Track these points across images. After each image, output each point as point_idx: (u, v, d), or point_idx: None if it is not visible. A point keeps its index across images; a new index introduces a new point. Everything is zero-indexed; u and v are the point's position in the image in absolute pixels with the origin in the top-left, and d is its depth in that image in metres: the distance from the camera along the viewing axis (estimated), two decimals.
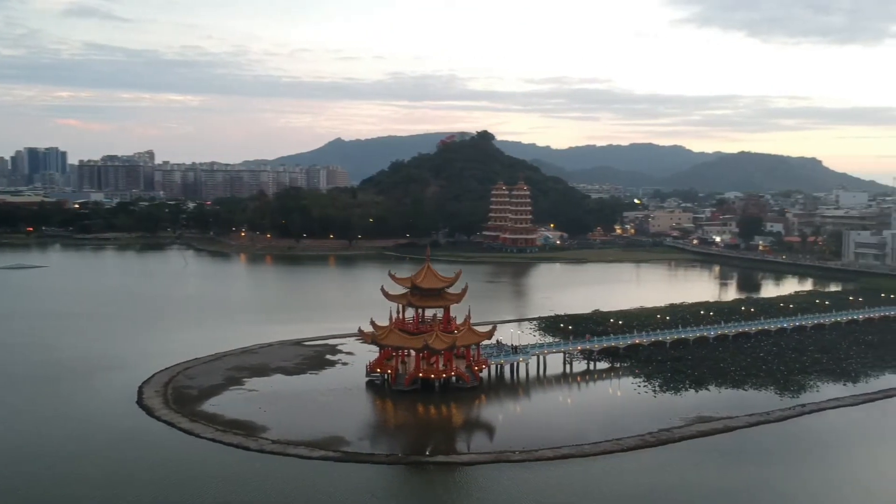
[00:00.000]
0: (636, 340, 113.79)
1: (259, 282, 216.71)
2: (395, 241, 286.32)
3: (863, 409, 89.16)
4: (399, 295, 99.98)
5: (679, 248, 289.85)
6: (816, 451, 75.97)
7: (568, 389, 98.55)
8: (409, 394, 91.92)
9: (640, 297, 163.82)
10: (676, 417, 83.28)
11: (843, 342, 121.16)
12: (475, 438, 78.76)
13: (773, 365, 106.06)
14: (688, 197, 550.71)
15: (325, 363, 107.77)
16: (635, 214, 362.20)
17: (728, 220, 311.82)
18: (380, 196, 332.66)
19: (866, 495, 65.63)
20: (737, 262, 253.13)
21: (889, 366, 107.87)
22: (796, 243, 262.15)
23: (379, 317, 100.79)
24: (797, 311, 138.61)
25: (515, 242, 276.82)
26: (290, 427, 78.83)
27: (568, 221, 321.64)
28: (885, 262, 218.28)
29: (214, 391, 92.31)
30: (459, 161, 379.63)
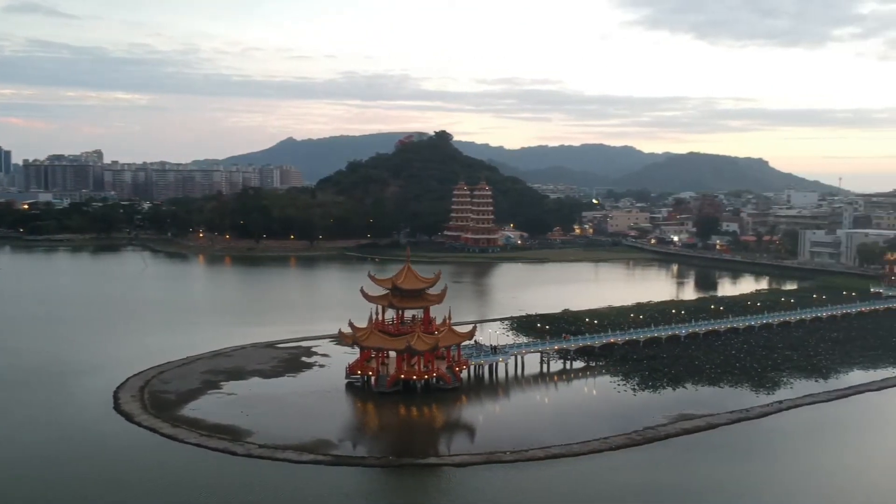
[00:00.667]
0: (611, 339, 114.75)
1: (222, 283, 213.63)
2: (357, 242, 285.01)
3: (836, 406, 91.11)
4: (379, 296, 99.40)
5: (638, 247, 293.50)
6: (798, 446, 77.42)
7: (548, 389, 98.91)
8: (391, 395, 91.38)
9: (607, 297, 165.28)
10: (659, 415, 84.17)
11: (811, 339, 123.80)
12: (463, 439, 78.55)
13: (745, 362, 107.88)
14: (641, 197, 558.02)
15: (301, 365, 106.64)
16: (594, 214, 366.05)
17: (684, 219, 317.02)
18: (340, 196, 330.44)
19: (849, 485, 67.04)
20: (695, 261, 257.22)
21: (856, 362, 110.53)
22: (752, 242, 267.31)
23: (347, 318, 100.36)
24: (763, 308, 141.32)
25: (478, 242, 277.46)
26: (274, 431, 77.76)
27: (527, 221, 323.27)
28: (840, 261, 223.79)
29: (193, 395, 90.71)
30: (418, 161, 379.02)
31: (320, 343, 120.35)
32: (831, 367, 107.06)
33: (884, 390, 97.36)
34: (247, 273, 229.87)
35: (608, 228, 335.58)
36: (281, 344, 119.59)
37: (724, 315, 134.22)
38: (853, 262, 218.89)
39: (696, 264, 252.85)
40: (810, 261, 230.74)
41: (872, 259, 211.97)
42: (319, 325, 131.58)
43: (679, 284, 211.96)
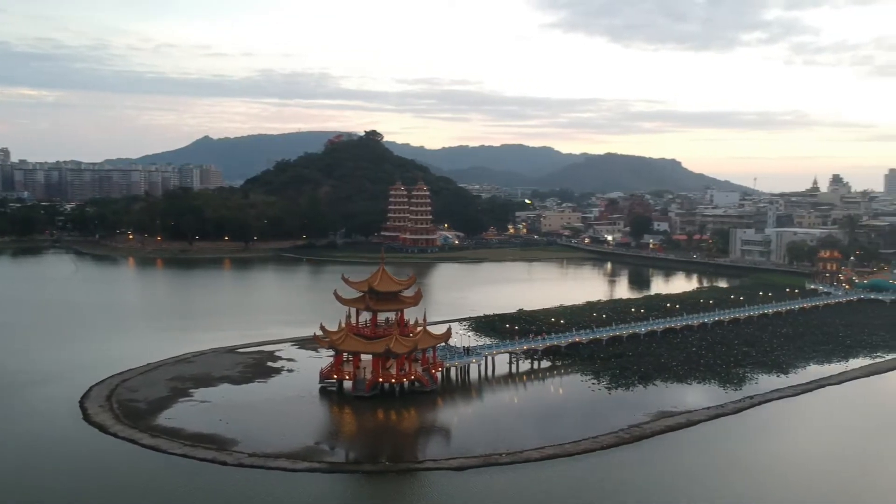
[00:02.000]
0: (576, 339, 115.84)
1: (161, 287, 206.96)
2: (293, 243, 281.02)
3: (803, 399, 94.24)
4: (355, 299, 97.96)
5: (573, 246, 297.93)
6: (776, 438, 79.72)
7: (525, 390, 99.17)
8: (368, 400, 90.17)
9: (557, 296, 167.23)
10: (639, 413, 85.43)
11: (763, 335, 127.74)
12: (453, 442, 77.62)
13: (708, 359, 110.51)
14: (565, 197, 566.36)
15: (269, 371, 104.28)
16: (527, 214, 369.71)
17: (616, 219, 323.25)
18: (271, 196, 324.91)
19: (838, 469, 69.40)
20: (630, 260, 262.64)
21: (810, 357, 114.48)
22: (683, 241, 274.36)
23: (299, 320, 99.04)
24: (714, 306, 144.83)
25: (416, 243, 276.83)
26: (259, 439, 75.76)
27: (462, 222, 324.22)
28: (770, 259, 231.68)
29: (164, 404, 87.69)
30: (349, 161, 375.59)
31: (282, 347, 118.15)
32: (789, 362, 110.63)
33: (843, 384, 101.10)
34: (183, 276, 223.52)
35: (541, 228, 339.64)
36: (242, 349, 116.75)
37: (677, 312, 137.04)
38: (783, 259, 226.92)
39: (631, 263, 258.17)
40: (742, 259, 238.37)
41: (801, 257, 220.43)
42: (274, 329, 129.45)
43: (621, 283, 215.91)
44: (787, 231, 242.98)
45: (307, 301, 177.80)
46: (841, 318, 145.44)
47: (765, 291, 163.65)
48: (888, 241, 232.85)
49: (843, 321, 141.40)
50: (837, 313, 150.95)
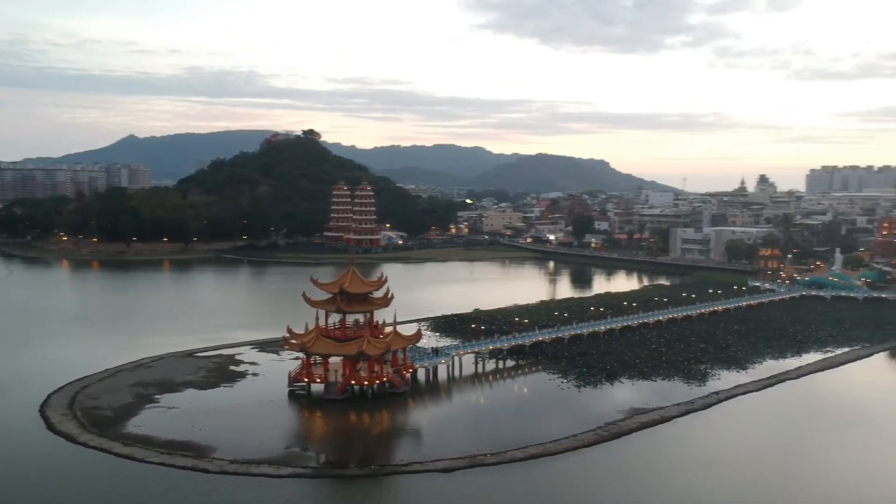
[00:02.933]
0: (540, 338, 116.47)
1: (100, 290, 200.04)
2: (233, 244, 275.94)
3: (765, 394, 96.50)
4: (326, 301, 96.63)
5: (516, 246, 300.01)
6: (750, 431, 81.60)
7: (495, 389, 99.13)
8: (341, 403, 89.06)
9: (510, 295, 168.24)
10: (612, 411, 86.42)
11: (717, 331, 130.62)
12: (436, 444, 76.60)
13: (668, 356, 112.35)
14: (500, 196, 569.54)
15: (233, 375, 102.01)
16: (468, 214, 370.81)
17: (557, 219, 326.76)
18: (210, 196, 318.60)
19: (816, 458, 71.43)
20: (573, 259, 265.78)
21: (765, 352, 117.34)
22: (624, 240, 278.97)
23: (252, 323, 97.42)
24: (668, 304, 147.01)
25: (360, 243, 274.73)
26: (237, 445, 74.06)
27: (403, 222, 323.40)
28: (709, 257, 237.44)
29: (131, 410, 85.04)
30: (287, 160, 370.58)
31: (242, 351, 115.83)
32: (746, 357, 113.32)
33: (801, 378, 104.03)
34: (123, 278, 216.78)
35: (483, 228, 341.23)
36: (201, 353, 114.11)
37: (632, 310, 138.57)
38: (722, 257, 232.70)
39: (575, 262, 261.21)
40: (682, 257, 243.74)
41: (739, 255, 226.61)
42: (229, 332, 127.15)
43: (569, 282, 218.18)
44: (726, 230, 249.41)
45: (257, 303, 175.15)
46: (787, 314, 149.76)
47: (709, 289, 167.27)
48: (821, 238, 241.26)
49: (789, 317, 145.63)
50: (782, 310, 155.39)
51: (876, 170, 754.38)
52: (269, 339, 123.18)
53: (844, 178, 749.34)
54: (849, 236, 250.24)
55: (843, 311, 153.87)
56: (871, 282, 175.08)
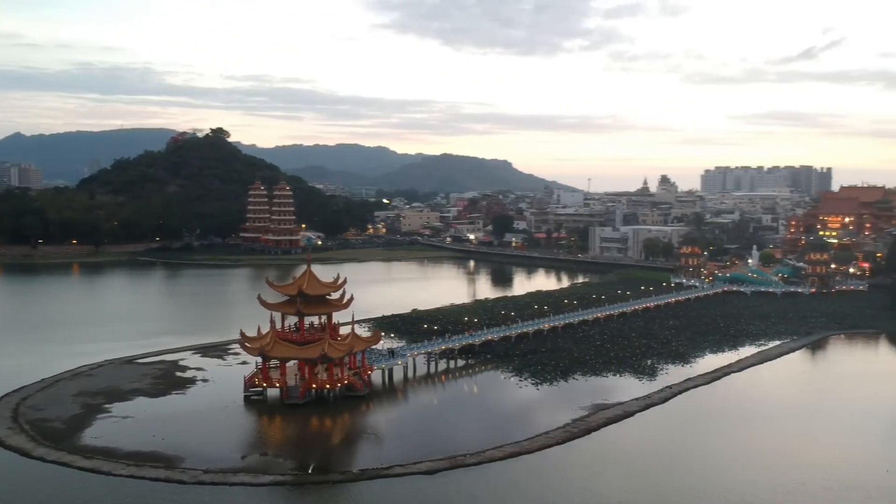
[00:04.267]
0: (489, 337, 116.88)
1: (9, 296, 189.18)
2: (146, 245, 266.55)
3: (714, 387, 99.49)
4: (283, 303, 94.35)
5: (437, 246, 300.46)
6: (710, 422, 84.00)
7: (455, 389, 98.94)
8: (302, 407, 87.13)
9: (445, 295, 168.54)
10: (576, 407, 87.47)
11: (654, 327, 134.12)
12: (410, 446, 75.38)
13: (614, 352, 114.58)
14: (411, 196, 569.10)
15: (182, 382, 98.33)
16: (386, 214, 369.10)
17: (476, 218, 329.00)
18: (118, 197, 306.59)
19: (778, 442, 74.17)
20: (496, 258, 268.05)
21: (704, 347, 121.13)
22: (543, 239, 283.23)
23: (189, 328, 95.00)
24: (606, 301, 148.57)
25: (279, 244, 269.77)
26: (206, 454, 71.54)
27: (319, 222, 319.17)
28: (627, 255, 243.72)
29: (83, 422, 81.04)
30: (196, 160, 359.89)
31: (184, 356, 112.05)
32: (687, 352, 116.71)
33: (743, 371, 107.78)
34: (32, 283, 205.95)
35: (401, 228, 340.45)
36: (140, 359, 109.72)
37: (568, 308, 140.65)
38: (640, 255, 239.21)
39: (497, 261, 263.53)
40: (601, 255, 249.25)
41: (656, 252, 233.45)
42: (164, 338, 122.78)
43: (497, 280, 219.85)
44: (643, 229, 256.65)
45: (183, 307, 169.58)
46: (714, 309, 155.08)
47: (634, 286, 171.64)
48: (731, 236, 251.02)
49: (718, 312, 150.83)
50: (709, 305, 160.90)
51: (765, 170, 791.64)
52: (210, 344, 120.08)
53: (737, 177, 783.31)
54: (755, 234, 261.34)
55: (765, 305, 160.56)
56: (785, 277, 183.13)
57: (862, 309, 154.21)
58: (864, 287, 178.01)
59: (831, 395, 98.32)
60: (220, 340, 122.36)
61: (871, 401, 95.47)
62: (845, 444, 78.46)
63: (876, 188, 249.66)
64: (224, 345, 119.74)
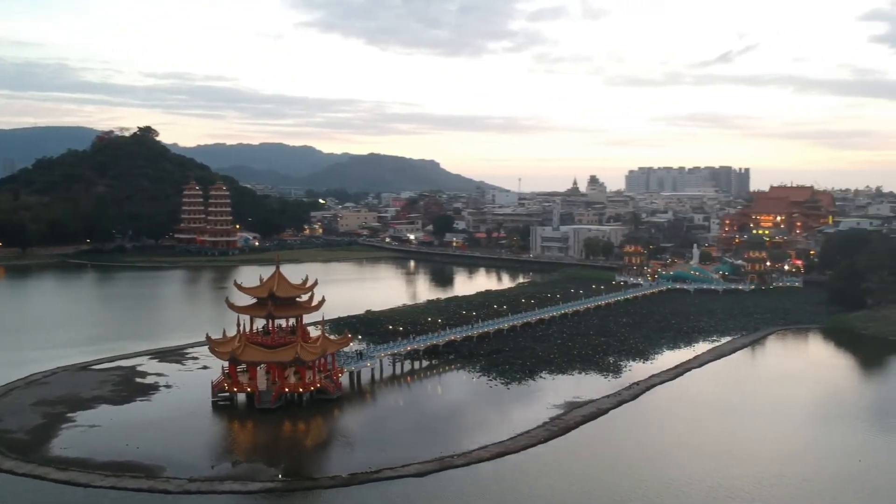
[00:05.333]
0: (452, 337, 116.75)
1: None
2: (76, 247, 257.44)
3: (679, 383, 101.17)
4: (254, 306, 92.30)
5: (377, 246, 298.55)
6: (682, 416, 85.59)
7: (426, 390, 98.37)
8: (275, 412, 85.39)
9: (396, 295, 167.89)
10: (549, 405, 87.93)
11: (609, 325, 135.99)
12: (395, 448, 74.58)
13: (576, 350, 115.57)
14: (342, 196, 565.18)
15: (145, 388, 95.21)
16: (322, 214, 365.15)
17: (415, 218, 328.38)
18: (43, 197, 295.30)
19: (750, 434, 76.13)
20: (438, 259, 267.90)
21: (659, 343, 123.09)
22: (484, 239, 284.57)
23: (138, 332, 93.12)
24: (561, 300, 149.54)
25: (216, 245, 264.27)
26: (186, 462, 69.54)
27: (254, 222, 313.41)
28: (569, 254, 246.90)
29: (48, 432, 77.75)
30: (125, 159, 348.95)
31: (141, 361, 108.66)
32: (645, 348, 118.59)
33: (703, 366, 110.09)
34: None
35: (339, 228, 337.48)
36: (95, 365, 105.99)
37: (524, 307, 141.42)
38: (580, 254, 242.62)
39: (438, 261, 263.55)
40: (542, 254, 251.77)
41: (597, 251, 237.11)
42: (112, 344, 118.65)
43: (442, 281, 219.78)
44: (583, 228, 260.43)
45: (125, 310, 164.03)
46: (661, 307, 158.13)
47: (580, 285, 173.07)
48: (667, 235, 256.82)
49: (666, 310, 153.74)
50: (656, 303, 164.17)
51: (687, 171, 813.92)
52: (165, 349, 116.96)
53: (660, 178, 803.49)
54: (689, 233, 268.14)
55: (709, 302, 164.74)
56: (725, 275, 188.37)
57: (801, 305, 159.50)
58: (800, 284, 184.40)
59: (794, 389, 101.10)
60: (175, 345, 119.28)
61: (833, 394, 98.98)
62: (816, 436, 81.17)
63: (804, 188, 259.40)
64: (180, 349, 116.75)
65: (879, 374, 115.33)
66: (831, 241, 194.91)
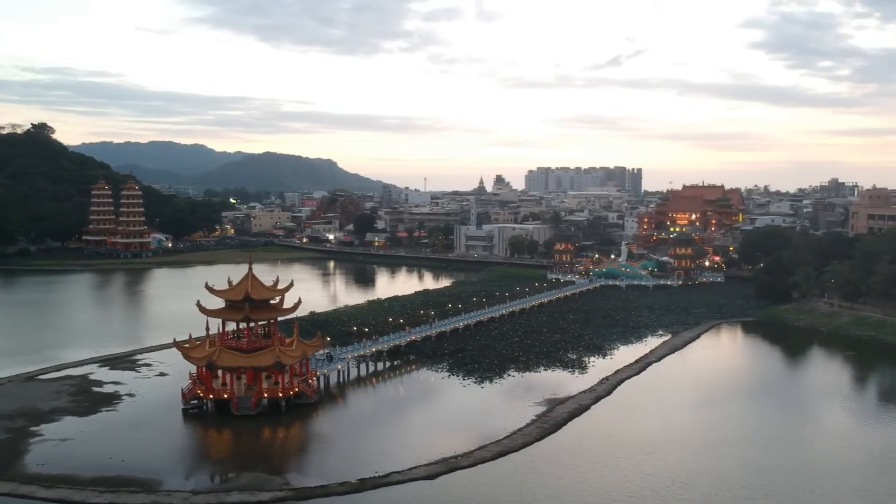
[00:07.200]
0: (413, 337, 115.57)
1: None
2: None
3: (644, 377, 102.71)
4: (228, 309, 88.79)
5: (294, 246, 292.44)
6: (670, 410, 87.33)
7: (401, 390, 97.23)
8: (255, 418, 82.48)
9: (332, 297, 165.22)
10: (531, 402, 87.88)
11: (559, 322, 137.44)
12: (392, 451, 72.64)
13: (536, 347, 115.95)
14: (243, 196, 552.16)
15: (106, 397, 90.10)
16: (235, 214, 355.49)
17: (332, 218, 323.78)
18: None
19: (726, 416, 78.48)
20: (360, 258, 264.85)
21: (612, 338, 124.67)
22: (405, 238, 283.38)
23: (75, 339, 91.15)
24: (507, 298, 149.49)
25: (129, 247, 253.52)
26: (180, 473, 66.88)
27: (163, 223, 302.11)
28: (493, 253, 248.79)
29: (17, 447, 72.64)
30: (20, 158, 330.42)
31: (90, 370, 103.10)
32: (601, 344, 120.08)
33: (662, 360, 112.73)
34: None
35: (251, 228, 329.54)
36: (40, 375, 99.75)
37: (479, 306, 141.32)
38: (505, 253, 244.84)
39: (361, 261, 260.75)
40: (467, 253, 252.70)
41: (521, 250, 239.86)
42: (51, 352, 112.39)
43: (372, 281, 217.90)
44: (507, 227, 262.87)
45: (48, 316, 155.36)
46: (601, 303, 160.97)
47: (514, 283, 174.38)
48: (587, 233, 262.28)
49: (607, 306, 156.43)
50: (594, 299, 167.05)
51: (583, 170, 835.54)
52: (113, 356, 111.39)
53: (558, 178, 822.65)
54: (605, 231, 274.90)
55: (643, 298, 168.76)
56: (653, 271, 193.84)
57: (730, 299, 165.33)
58: (721, 279, 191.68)
59: (761, 379, 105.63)
60: (121, 351, 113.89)
61: (801, 382, 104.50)
62: (797, 424, 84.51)
63: (716, 187, 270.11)
64: (128, 356, 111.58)
65: (828, 362, 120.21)
66: (750, 238, 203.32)
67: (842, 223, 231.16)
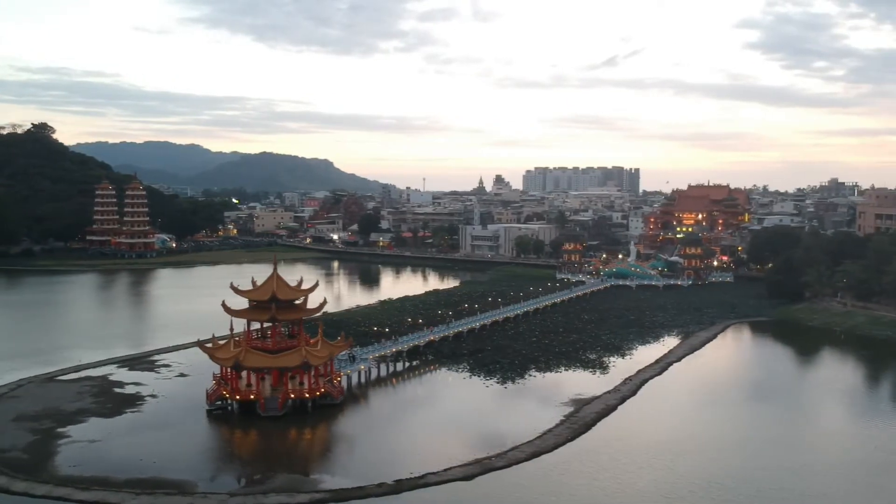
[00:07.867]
0: (431, 337, 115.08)
1: None
2: None
3: (666, 377, 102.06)
4: (254, 309, 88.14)
5: (298, 246, 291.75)
6: (696, 410, 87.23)
7: (425, 391, 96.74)
8: (282, 419, 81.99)
9: (344, 297, 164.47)
10: (556, 403, 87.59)
11: (574, 322, 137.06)
12: (423, 452, 72.72)
13: (554, 347, 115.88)
14: (242, 196, 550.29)
15: (129, 399, 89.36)
16: (238, 214, 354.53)
17: (335, 218, 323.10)
18: None
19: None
20: (365, 258, 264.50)
21: (629, 338, 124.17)
22: (410, 238, 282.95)
23: (85, 340, 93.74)
24: (521, 298, 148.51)
25: (133, 247, 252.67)
26: (213, 475, 66.59)
27: (166, 223, 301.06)
28: (499, 253, 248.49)
29: (45, 449, 72.01)
30: (20, 158, 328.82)
31: (109, 370, 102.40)
32: (620, 344, 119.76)
33: (682, 359, 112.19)
34: None
35: (254, 228, 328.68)
36: (60, 376, 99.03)
37: (494, 306, 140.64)
38: (511, 253, 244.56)
39: (366, 261, 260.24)
40: (473, 253, 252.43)
41: (527, 250, 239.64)
42: (68, 353, 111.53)
43: (379, 281, 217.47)
44: (513, 227, 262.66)
45: (59, 316, 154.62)
46: (613, 303, 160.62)
47: (523, 283, 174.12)
48: (592, 233, 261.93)
49: (620, 306, 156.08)
50: (605, 299, 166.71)
51: (581, 170, 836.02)
52: (131, 356, 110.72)
53: (556, 178, 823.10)
54: (611, 231, 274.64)
55: (655, 298, 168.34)
56: (662, 271, 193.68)
57: (741, 299, 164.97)
58: (731, 279, 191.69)
59: (782, 378, 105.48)
60: (139, 352, 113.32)
61: (823, 382, 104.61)
62: (824, 424, 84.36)
63: (721, 187, 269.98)
64: (147, 356, 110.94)
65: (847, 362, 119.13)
66: (759, 238, 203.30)
67: (848, 223, 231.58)
